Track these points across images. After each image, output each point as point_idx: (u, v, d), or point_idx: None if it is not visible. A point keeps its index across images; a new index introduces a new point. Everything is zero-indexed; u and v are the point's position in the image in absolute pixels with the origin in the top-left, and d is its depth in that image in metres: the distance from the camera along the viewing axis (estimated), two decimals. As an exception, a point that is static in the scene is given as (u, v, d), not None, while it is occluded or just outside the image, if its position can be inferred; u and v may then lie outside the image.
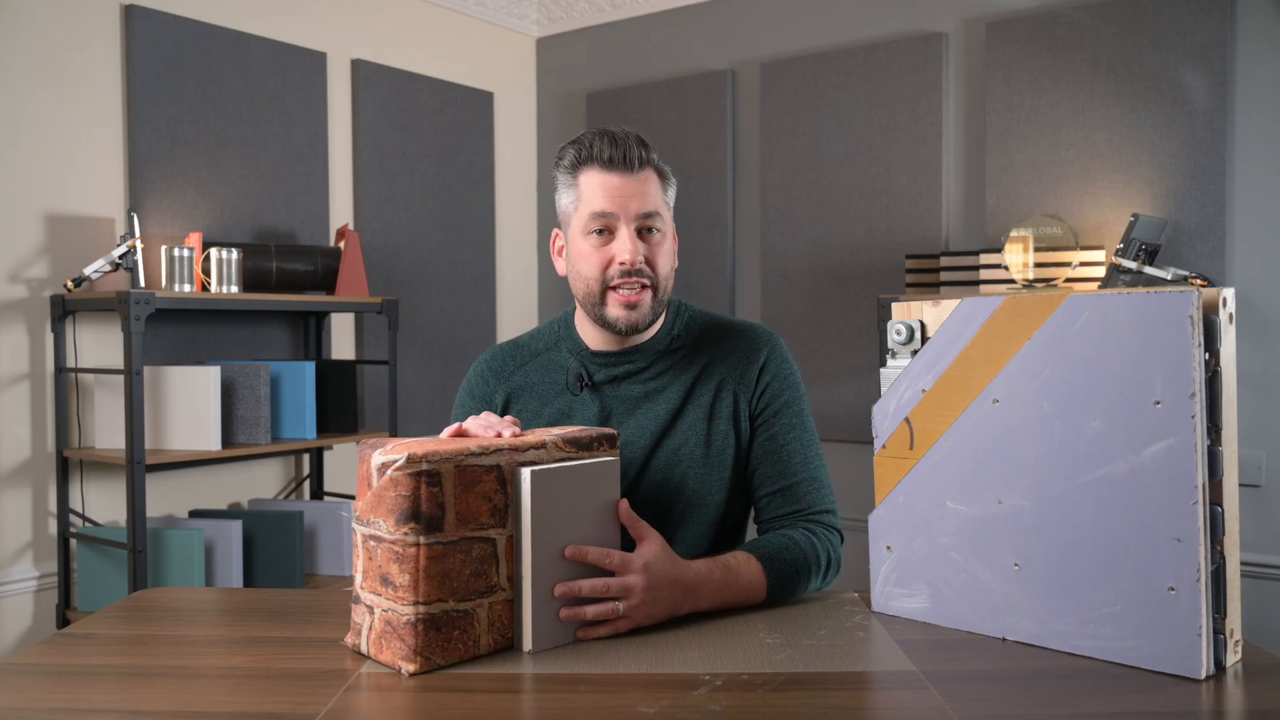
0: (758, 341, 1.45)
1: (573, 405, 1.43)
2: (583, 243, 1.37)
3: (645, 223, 1.35)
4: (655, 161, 1.38)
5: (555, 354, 1.47)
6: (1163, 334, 0.99)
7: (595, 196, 1.35)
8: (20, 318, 2.60)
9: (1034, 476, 1.09)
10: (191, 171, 2.90)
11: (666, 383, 1.42)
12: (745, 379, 1.42)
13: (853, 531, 2.31)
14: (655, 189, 1.37)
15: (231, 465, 3.07)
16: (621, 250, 1.34)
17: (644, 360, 1.43)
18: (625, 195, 1.34)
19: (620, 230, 1.35)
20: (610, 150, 1.34)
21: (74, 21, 2.68)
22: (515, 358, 1.49)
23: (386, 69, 3.48)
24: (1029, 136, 2.99)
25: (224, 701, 0.97)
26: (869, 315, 3.28)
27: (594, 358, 1.43)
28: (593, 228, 1.35)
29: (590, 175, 1.36)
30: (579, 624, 1.14)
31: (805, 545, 1.32)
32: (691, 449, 1.40)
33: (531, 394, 1.46)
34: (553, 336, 1.49)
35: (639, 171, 1.35)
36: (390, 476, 1.03)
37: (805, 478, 1.41)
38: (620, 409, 1.42)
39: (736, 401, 1.42)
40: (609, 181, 1.34)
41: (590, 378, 1.43)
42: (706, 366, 1.43)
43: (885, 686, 1.01)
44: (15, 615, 2.62)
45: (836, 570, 1.38)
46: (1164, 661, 1.00)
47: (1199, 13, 2.72)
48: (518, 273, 4.05)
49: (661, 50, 3.81)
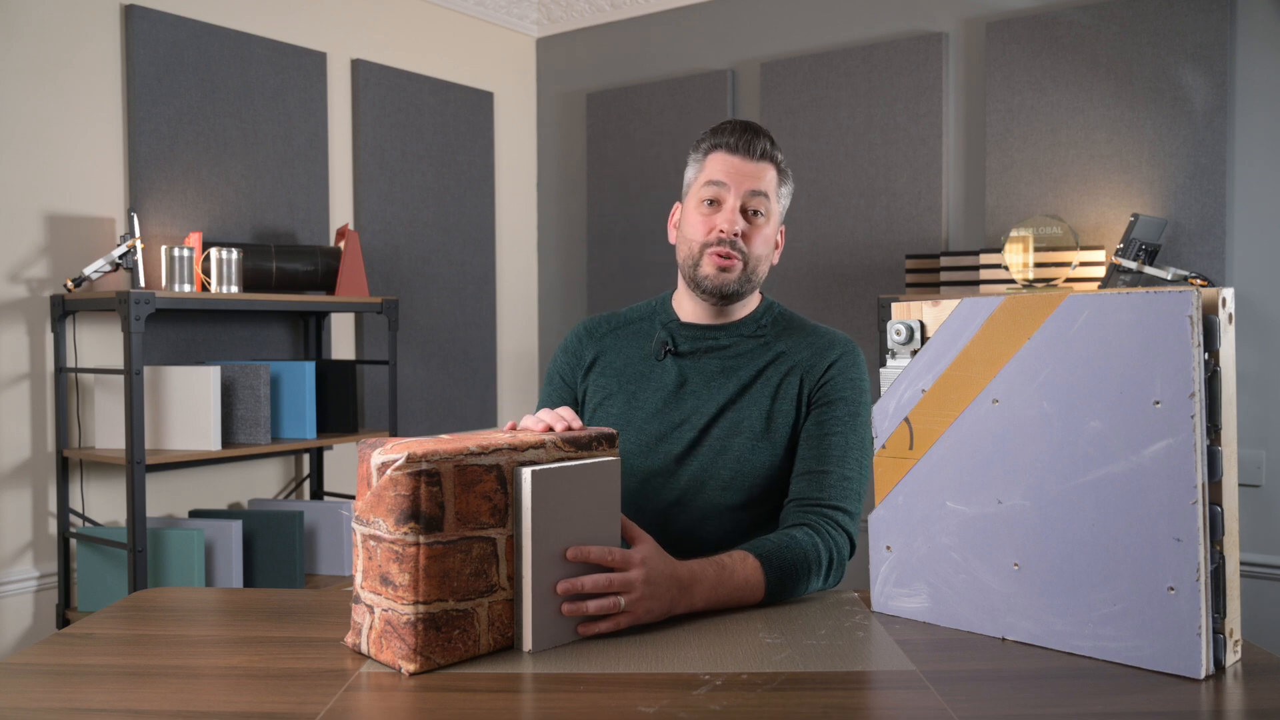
0: (836, 342, 1.53)
1: (653, 369, 1.55)
2: (693, 210, 1.51)
3: (751, 202, 1.48)
4: (777, 158, 1.52)
5: (648, 324, 1.60)
6: (1162, 334, 0.99)
7: (715, 170, 1.49)
8: (20, 318, 2.60)
9: (1034, 476, 1.09)
10: (191, 171, 2.90)
11: (743, 363, 1.52)
12: (814, 369, 1.50)
13: (853, 531, 2.29)
14: (770, 178, 1.50)
15: (231, 465, 3.07)
16: (723, 219, 1.47)
17: (728, 339, 1.53)
18: (740, 173, 1.48)
19: (728, 202, 1.48)
20: (739, 138, 1.49)
21: (74, 21, 2.68)
22: (610, 323, 1.63)
23: (386, 69, 3.48)
24: (1029, 136, 2.99)
25: (224, 701, 0.97)
26: (869, 315, 3.28)
27: (683, 329, 1.55)
28: (705, 195, 1.49)
29: (716, 155, 1.50)
30: (579, 621, 1.14)
31: (807, 544, 1.33)
32: (752, 422, 1.47)
33: (618, 355, 1.58)
34: (649, 309, 1.62)
35: (759, 160, 1.49)
36: (390, 476, 1.03)
37: (838, 473, 1.43)
38: (696, 378, 1.52)
39: (801, 385, 1.49)
40: (731, 160, 1.49)
41: (675, 346, 1.54)
42: (782, 354, 1.52)
43: (885, 686, 1.01)
44: (15, 615, 2.62)
45: (840, 571, 1.39)
46: (1164, 661, 1.00)
47: (1199, 13, 2.72)
48: (518, 273, 4.05)
49: (661, 50, 3.81)
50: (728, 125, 1.51)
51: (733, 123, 1.51)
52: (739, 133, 1.49)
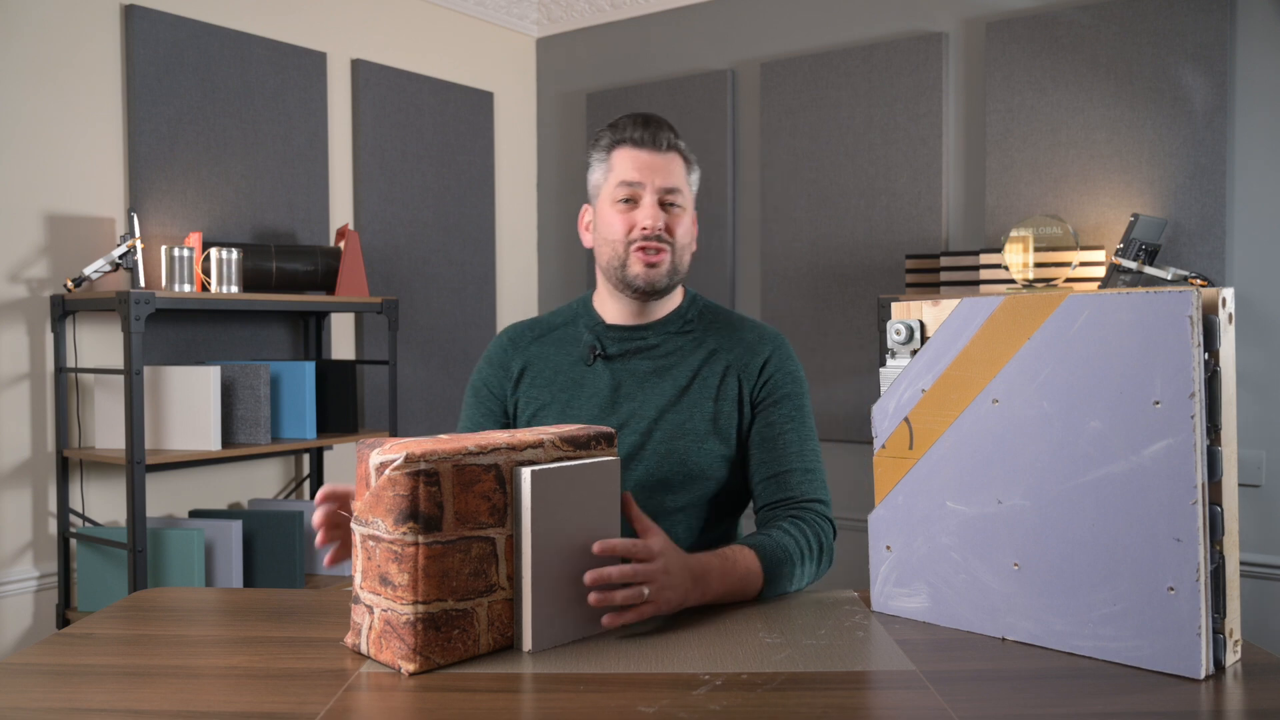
0: (765, 337, 1.55)
1: (585, 375, 1.53)
2: (610, 210, 1.50)
3: (667, 197, 1.49)
4: (681, 147, 1.52)
5: (572, 329, 1.58)
6: (1162, 334, 0.99)
7: (625, 169, 1.49)
8: (20, 318, 2.60)
9: (1034, 476, 1.09)
10: (191, 171, 2.90)
11: (675, 361, 1.52)
12: (749, 368, 1.52)
13: (853, 531, 2.31)
14: (679, 169, 1.50)
15: (231, 465, 3.07)
16: (644, 216, 1.47)
17: (656, 337, 1.53)
18: (652, 169, 1.48)
19: (644, 199, 1.48)
20: (642, 131, 1.49)
21: (74, 21, 2.68)
22: (534, 330, 1.61)
23: (386, 69, 3.48)
24: (1029, 136, 2.99)
25: (224, 701, 0.97)
26: (869, 315, 3.28)
27: (609, 331, 1.54)
28: (620, 195, 1.49)
29: (622, 152, 1.50)
30: (600, 614, 1.15)
31: (795, 533, 1.38)
32: (695, 425, 1.48)
33: (546, 364, 1.56)
34: (571, 313, 1.61)
35: (665, 151, 1.49)
36: (388, 476, 1.03)
37: (800, 468, 1.48)
38: (630, 381, 1.51)
39: (740, 386, 1.51)
40: (639, 157, 1.48)
41: (604, 349, 1.53)
42: (714, 351, 1.53)
43: (885, 686, 1.01)
44: (15, 615, 2.62)
45: (829, 558, 1.44)
46: (1164, 661, 1.00)
47: (1199, 13, 2.72)
48: (518, 273, 4.05)
49: (661, 50, 3.81)
50: (628, 120, 1.51)
51: (633, 117, 1.51)
52: (642, 126, 1.49)
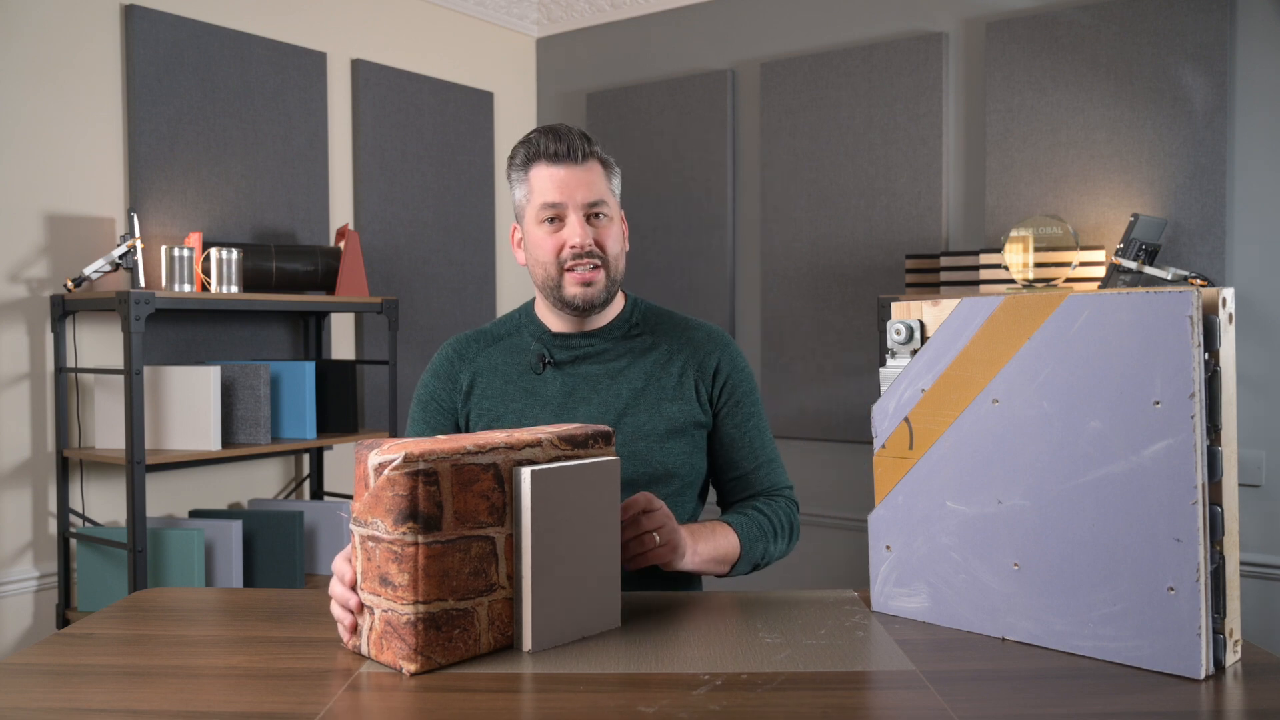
0: (713, 337, 1.59)
1: (536, 384, 1.54)
2: (536, 231, 1.48)
3: (592, 209, 1.47)
4: (598, 153, 1.49)
5: (517, 338, 1.58)
6: (1162, 334, 0.99)
7: (545, 188, 1.46)
8: (20, 318, 2.60)
9: (1034, 476, 1.09)
10: (191, 171, 2.90)
11: (626, 364, 1.54)
12: (704, 368, 1.56)
13: (852, 531, 2.33)
14: (600, 178, 1.48)
15: (231, 465, 3.07)
16: (572, 235, 1.46)
17: (603, 344, 1.55)
18: (572, 185, 1.45)
19: (570, 217, 1.46)
20: (555, 145, 1.45)
21: (74, 21, 2.68)
22: (479, 341, 1.60)
23: (386, 69, 3.48)
24: (1029, 136, 2.99)
25: (224, 701, 0.97)
26: (869, 315, 3.28)
27: (555, 340, 1.55)
28: (544, 216, 1.47)
29: (539, 170, 1.47)
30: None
31: (767, 510, 1.52)
32: (655, 425, 1.51)
33: (496, 374, 1.56)
34: (514, 323, 1.61)
35: (583, 163, 1.46)
36: (387, 476, 1.03)
37: (765, 460, 1.58)
38: (583, 386, 1.53)
39: (698, 388, 1.55)
40: (556, 174, 1.46)
41: (552, 357, 1.54)
42: (666, 352, 1.56)
43: (885, 686, 1.01)
44: (15, 615, 2.62)
45: (796, 535, 1.58)
46: (1163, 661, 1.00)
47: (1199, 13, 2.72)
48: (518, 273, 4.05)
49: (661, 50, 3.81)
50: (539, 135, 1.47)
51: (544, 130, 1.47)
52: (555, 139, 1.45)
